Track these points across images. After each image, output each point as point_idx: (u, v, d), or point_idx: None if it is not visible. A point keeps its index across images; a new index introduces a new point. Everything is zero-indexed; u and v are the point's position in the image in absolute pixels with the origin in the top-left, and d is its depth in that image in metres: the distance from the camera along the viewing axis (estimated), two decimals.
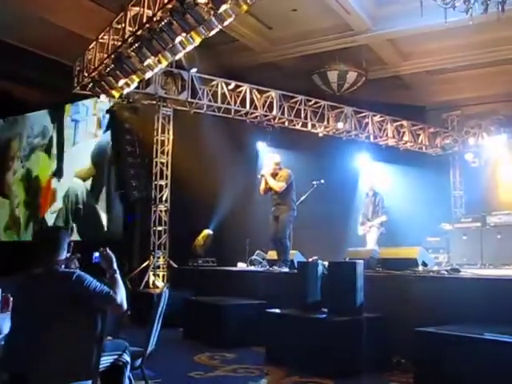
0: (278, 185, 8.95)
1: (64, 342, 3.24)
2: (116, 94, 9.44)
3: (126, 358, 3.85)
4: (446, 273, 7.01)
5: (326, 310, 6.49)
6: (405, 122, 13.18)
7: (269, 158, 9.55)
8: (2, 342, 3.69)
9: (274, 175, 9.09)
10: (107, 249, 3.65)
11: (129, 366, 3.87)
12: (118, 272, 3.57)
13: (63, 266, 3.54)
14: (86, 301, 3.34)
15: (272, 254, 9.41)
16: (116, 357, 3.78)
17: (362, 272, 6.32)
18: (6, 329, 3.75)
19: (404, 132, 13.22)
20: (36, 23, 10.97)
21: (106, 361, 3.63)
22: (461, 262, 9.74)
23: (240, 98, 11.34)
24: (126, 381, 3.87)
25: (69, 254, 3.64)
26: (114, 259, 3.60)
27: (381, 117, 12.82)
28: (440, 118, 13.98)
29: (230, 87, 11.25)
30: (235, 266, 10.57)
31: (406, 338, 5.47)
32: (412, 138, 13.32)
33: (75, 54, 10.14)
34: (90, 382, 3.37)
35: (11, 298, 3.98)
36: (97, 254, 3.68)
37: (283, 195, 8.99)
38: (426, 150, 13.67)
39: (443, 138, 13.65)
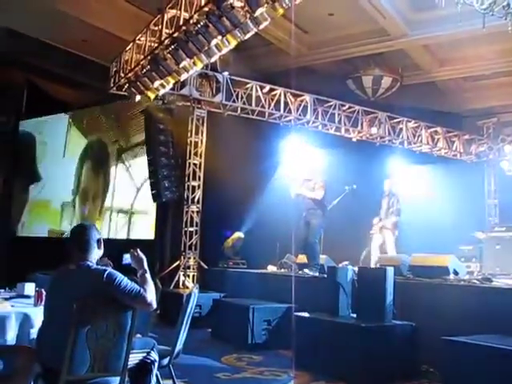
0: (318, 193, 8.98)
1: (94, 339, 3.30)
2: (151, 94, 9.55)
3: (154, 356, 3.90)
4: (477, 282, 6.92)
5: (354, 315, 6.47)
6: (439, 129, 13.03)
7: (304, 164, 9.50)
8: (35, 336, 3.77)
9: (307, 181, 9.10)
10: (138, 250, 3.70)
11: (156, 364, 3.91)
12: (148, 272, 3.62)
13: (95, 263, 3.60)
14: (116, 298, 3.39)
15: (302, 258, 9.42)
16: (144, 355, 3.83)
17: (392, 278, 6.29)
18: (40, 323, 3.82)
19: (438, 138, 13.07)
20: (74, 24, 11.15)
21: (134, 358, 3.67)
22: (493, 272, 9.57)
23: (274, 101, 11.36)
24: (154, 379, 3.91)
25: (101, 252, 3.68)
26: (145, 259, 3.66)
27: (415, 123, 12.70)
28: (475, 125, 13.79)
29: (265, 90, 11.27)
30: (266, 268, 10.59)
31: (435, 346, 5.42)
32: (446, 145, 13.16)
33: (112, 54, 10.28)
34: (118, 378, 3.42)
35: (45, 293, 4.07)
36: (127, 256, 3.72)
37: (318, 201, 9.00)
38: (460, 157, 13.49)
39: (478, 146, 13.47)
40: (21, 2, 10.53)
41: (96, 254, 3.62)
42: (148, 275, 3.60)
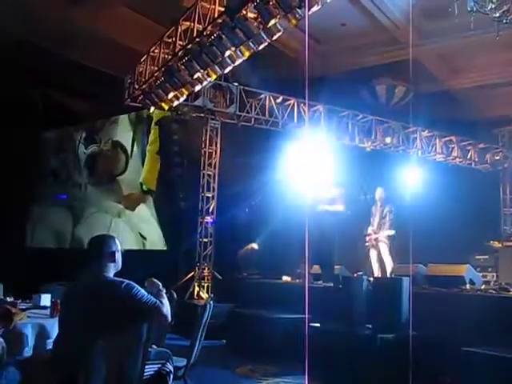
0: (339, 206, 8.92)
1: (110, 350, 3.30)
2: (165, 106, 9.62)
3: (170, 367, 3.90)
4: (494, 292, 6.86)
5: (370, 326, 6.43)
6: (454, 138, 12.98)
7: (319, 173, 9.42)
8: (51, 347, 3.79)
9: (325, 192, 9.09)
10: (153, 278, 3.74)
11: (172, 376, 3.91)
12: (163, 290, 3.66)
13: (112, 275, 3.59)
14: (133, 309, 3.39)
15: (316, 268, 9.37)
16: (159, 366, 3.83)
17: (408, 289, 6.25)
18: (55, 334, 3.84)
19: (453, 147, 13.02)
20: (89, 36, 11.25)
21: (149, 369, 3.68)
22: (510, 282, 9.48)
23: (287, 111, 11.38)
24: None
25: (118, 265, 3.66)
26: (160, 284, 3.70)
27: (429, 132, 12.66)
28: (491, 134, 13.71)
29: (278, 101, 11.30)
30: (281, 279, 10.55)
31: (452, 357, 5.38)
32: (461, 154, 13.09)
33: (126, 66, 10.36)
34: None
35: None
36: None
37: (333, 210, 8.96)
38: (475, 165, 13.42)
39: (493, 154, 13.38)
40: (36, 15, 10.66)
41: (112, 267, 3.60)
42: (163, 292, 3.63)
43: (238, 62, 7.83)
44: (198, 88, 9.03)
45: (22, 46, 11.70)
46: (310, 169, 11.93)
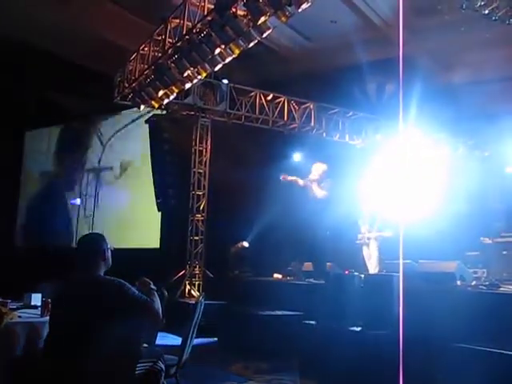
0: (322, 192, 8.92)
1: (101, 348, 3.29)
2: (156, 104, 9.59)
3: (161, 365, 3.89)
4: (485, 288, 6.89)
5: (361, 323, 6.43)
6: (444, 135, 13.01)
7: (316, 166, 9.41)
8: (42, 346, 3.76)
9: (319, 183, 9.07)
10: (144, 278, 3.72)
11: (163, 374, 3.90)
12: (154, 289, 3.65)
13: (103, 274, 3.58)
14: (125, 307, 3.38)
15: (308, 266, 9.37)
16: (151, 364, 3.82)
17: (400, 285, 6.25)
18: (46, 333, 3.82)
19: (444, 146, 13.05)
20: (79, 34, 11.20)
21: (141, 367, 3.67)
22: (500, 278, 9.52)
23: (278, 109, 11.38)
24: None
25: (108, 263, 3.64)
26: (151, 282, 3.69)
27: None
28: (481, 130, 13.71)
29: (268, 98, 11.30)
30: (272, 276, 10.55)
31: (443, 353, 5.39)
32: (451, 152, 13.12)
33: (116, 65, 10.31)
34: None
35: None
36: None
37: (323, 202, 8.93)
38: (464, 161, 13.43)
39: (483, 150, 13.40)
40: (28, 14, 10.60)
41: (103, 265, 3.58)
42: (154, 291, 3.62)
43: (228, 60, 7.82)
44: (188, 86, 9.00)
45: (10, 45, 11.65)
46: (301, 165, 11.94)
